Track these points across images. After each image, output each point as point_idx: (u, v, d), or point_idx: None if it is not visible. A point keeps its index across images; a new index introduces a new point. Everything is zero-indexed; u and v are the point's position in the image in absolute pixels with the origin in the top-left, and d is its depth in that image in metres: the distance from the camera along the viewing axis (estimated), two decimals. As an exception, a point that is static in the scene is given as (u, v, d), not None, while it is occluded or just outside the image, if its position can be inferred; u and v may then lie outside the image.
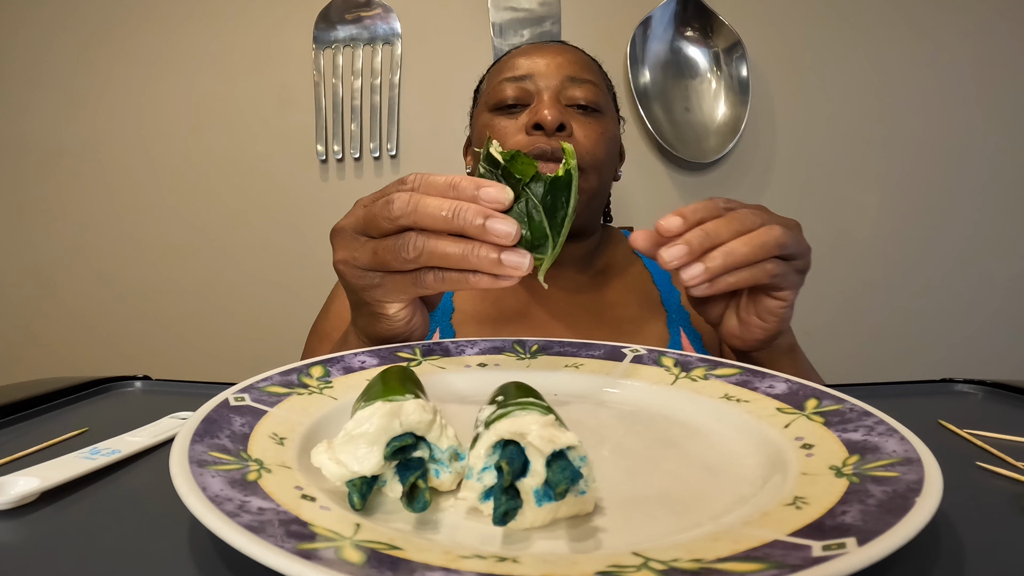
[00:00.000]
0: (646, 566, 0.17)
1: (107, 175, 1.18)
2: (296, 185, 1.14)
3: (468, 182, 0.34)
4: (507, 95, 0.61)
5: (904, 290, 1.14)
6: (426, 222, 0.34)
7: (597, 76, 0.65)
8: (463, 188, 0.34)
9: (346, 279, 0.39)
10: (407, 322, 0.41)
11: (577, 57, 0.64)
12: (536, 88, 0.61)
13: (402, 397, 0.25)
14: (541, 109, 0.58)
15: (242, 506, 0.19)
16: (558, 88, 0.61)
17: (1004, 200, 1.13)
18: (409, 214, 0.34)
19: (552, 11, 1.10)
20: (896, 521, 0.18)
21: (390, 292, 0.38)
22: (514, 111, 0.62)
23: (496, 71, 0.66)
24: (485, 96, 0.65)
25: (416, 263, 0.35)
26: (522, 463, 0.22)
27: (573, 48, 0.66)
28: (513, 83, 0.62)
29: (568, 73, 0.62)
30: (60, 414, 0.39)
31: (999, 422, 0.37)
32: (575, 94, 0.61)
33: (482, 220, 0.33)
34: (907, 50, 1.11)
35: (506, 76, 0.63)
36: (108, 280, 1.19)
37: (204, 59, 1.15)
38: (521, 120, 0.60)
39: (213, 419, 0.26)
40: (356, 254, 0.37)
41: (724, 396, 0.34)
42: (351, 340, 0.45)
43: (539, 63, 0.62)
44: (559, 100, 0.61)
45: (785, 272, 0.41)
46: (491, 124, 0.62)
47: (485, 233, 0.33)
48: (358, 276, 0.38)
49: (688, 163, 1.11)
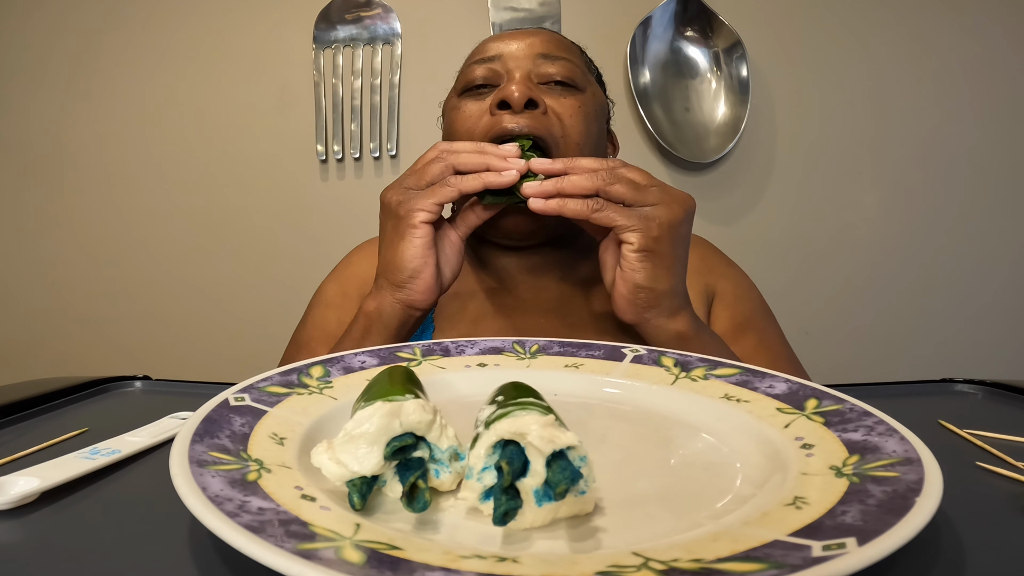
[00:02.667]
0: (646, 566, 0.17)
1: (108, 175, 1.18)
2: (296, 185, 1.14)
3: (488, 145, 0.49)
4: (475, 75, 0.58)
5: (904, 290, 1.14)
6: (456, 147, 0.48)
7: (575, 55, 0.61)
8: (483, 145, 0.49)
9: (389, 202, 0.48)
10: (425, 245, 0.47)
11: (551, 37, 0.60)
12: (505, 68, 0.57)
13: (402, 397, 0.25)
14: (508, 85, 0.54)
15: (242, 506, 0.19)
16: (529, 68, 0.57)
17: (1004, 200, 1.13)
18: (443, 152, 0.48)
19: (552, 11, 1.10)
20: (896, 521, 0.18)
21: (421, 198, 0.47)
22: (482, 92, 0.58)
23: (468, 57, 0.62)
24: (455, 83, 0.62)
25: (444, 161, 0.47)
26: (522, 463, 0.22)
27: (548, 30, 0.62)
28: (482, 64, 0.58)
29: (540, 51, 0.58)
30: (60, 414, 0.39)
31: (999, 422, 0.37)
32: (548, 70, 0.57)
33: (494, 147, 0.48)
34: (907, 50, 1.11)
35: (475, 59, 0.60)
36: (108, 280, 1.19)
37: (204, 59, 1.15)
38: (488, 100, 0.57)
39: (213, 419, 0.26)
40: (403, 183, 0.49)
41: (724, 396, 0.34)
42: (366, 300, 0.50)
43: (510, 45, 0.59)
44: (530, 78, 0.57)
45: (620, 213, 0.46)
46: (458, 107, 0.58)
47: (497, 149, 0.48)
48: (399, 193, 0.48)
49: (688, 163, 1.11)
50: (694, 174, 1.13)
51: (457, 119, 0.58)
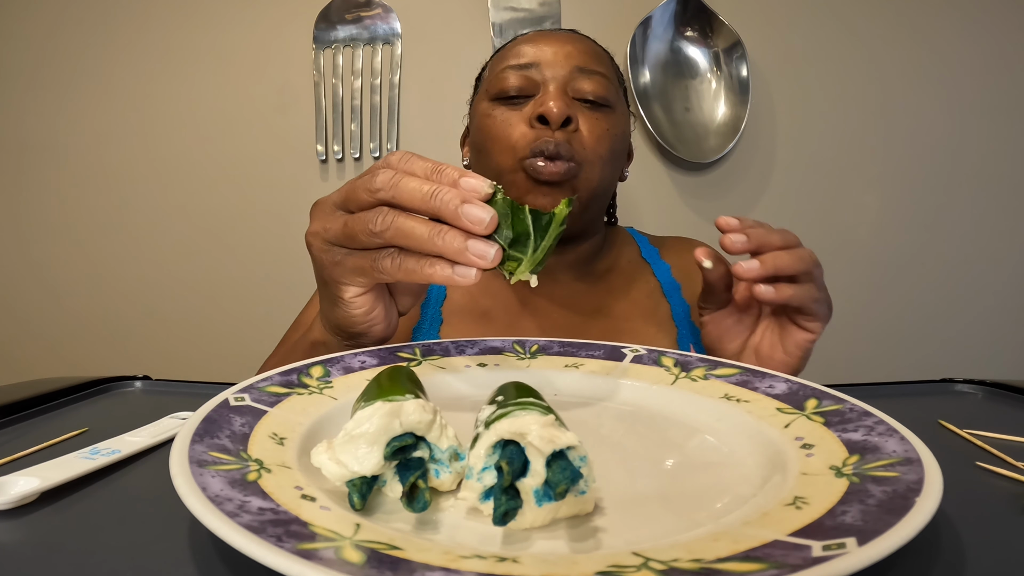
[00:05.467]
0: (646, 566, 0.17)
1: (107, 175, 1.18)
2: (296, 185, 1.14)
3: (452, 168, 0.33)
4: (510, 84, 0.57)
5: (904, 290, 1.14)
6: (403, 198, 0.33)
7: (608, 68, 0.60)
8: (446, 173, 0.33)
9: (312, 251, 0.38)
10: (365, 312, 0.39)
11: (587, 47, 0.60)
12: (542, 78, 0.56)
13: (402, 397, 0.25)
14: (547, 100, 0.54)
15: (242, 506, 0.19)
16: (565, 79, 0.56)
17: (1004, 200, 1.13)
18: (389, 188, 0.33)
19: (552, 11, 1.10)
20: (896, 521, 0.18)
21: (348, 272, 0.36)
22: (516, 101, 0.57)
23: (499, 58, 0.61)
24: (486, 84, 0.61)
25: (381, 238, 0.33)
26: (522, 463, 0.22)
27: (583, 37, 0.61)
28: (517, 71, 0.57)
29: (577, 63, 0.57)
30: (60, 414, 0.39)
31: (999, 422, 0.37)
32: (583, 87, 0.56)
33: (458, 202, 0.31)
34: (907, 50, 1.11)
35: (510, 64, 0.58)
36: (108, 280, 1.19)
37: (204, 59, 1.14)
38: (525, 111, 0.56)
39: (213, 419, 0.26)
40: (328, 225, 0.36)
41: (724, 396, 0.34)
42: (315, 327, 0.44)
43: (546, 51, 0.57)
44: (566, 92, 0.56)
45: (819, 299, 0.43)
46: (491, 114, 0.58)
47: (458, 217, 0.31)
48: (323, 250, 0.37)
49: (688, 163, 1.11)
50: (694, 174, 1.13)
51: (493, 127, 0.57)
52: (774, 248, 0.42)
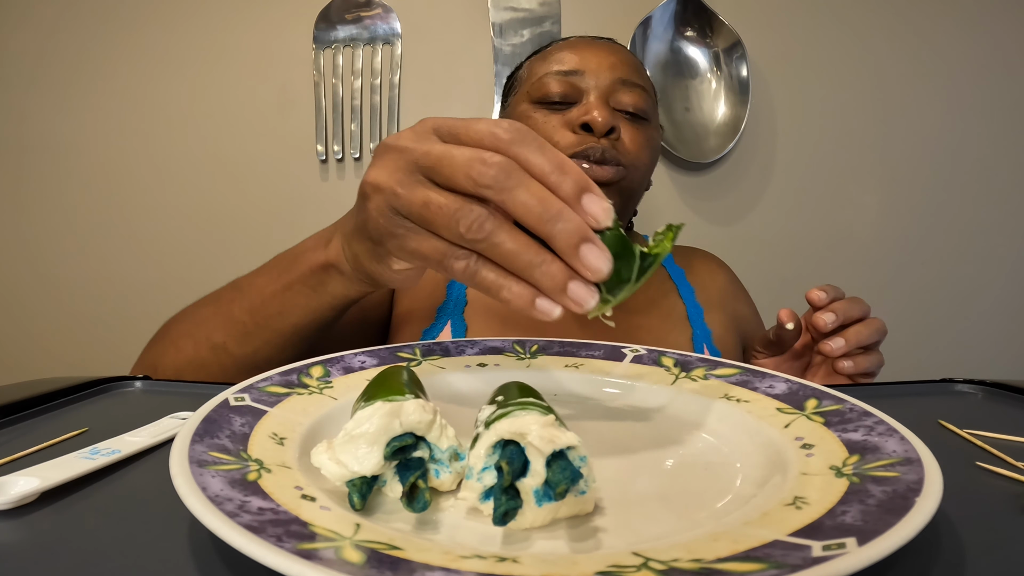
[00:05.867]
0: (646, 566, 0.17)
1: (107, 175, 1.17)
2: (296, 185, 1.14)
3: (577, 174, 0.27)
4: (553, 90, 0.58)
5: (904, 290, 1.14)
6: (515, 210, 0.26)
7: (647, 81, 0.62)
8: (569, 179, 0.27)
9: (368, 207, 0.31)
10: (404, 279, 0.35)
11: (629, 59, 0.61)
12: (585, 86, 0.58)
13: (402, 397, 0.25)
14: (592, 109, 0.55)
15: (242, 506, 0.19)
16: (608, 89, 0.58)
17: (1004, 200, 1.13)
18: (499, 191, 0.26)
19: (552, 11, 1.10)
20: (896, 521, 0.18)
21: (410, 253, 0.30)
22: (557, 106, 0.58)
23: (540, 62, 0.62)
24: (527, 86, 0.61)
25: (465, 241, 0.27)
26: (522, 463, 0.22)
27: (623, 48, 0.63)
28: (560, 77, 0.58)
29: (620, 75, 0.58)
30: (60, 414, 0.39)
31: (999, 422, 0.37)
32: (624, 99, 0.58)
33: (578, 240, 0.26)
34: (907, 50, 1.11)
35: (553, 69, 0.59)
36: (108, 280, 1.19)
37: (204, 59, 1.14)
38: (569, 116, 0.57)
39: (213, 419, 0.26)
40: (402, 191, 0.29)
41: (724, 396, 0.34)
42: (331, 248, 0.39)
43: (590, 60, 0.59)
44: (608, 102, 0.57)
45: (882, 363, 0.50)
46: (531, 116, 0.59)
47: (575, 256, 0.26)
48: (385, 214, 0.30)
49: (688, 163, 1.11)
50: (694, 174, 1.13)
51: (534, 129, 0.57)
52: (854, 321, 0.48)
